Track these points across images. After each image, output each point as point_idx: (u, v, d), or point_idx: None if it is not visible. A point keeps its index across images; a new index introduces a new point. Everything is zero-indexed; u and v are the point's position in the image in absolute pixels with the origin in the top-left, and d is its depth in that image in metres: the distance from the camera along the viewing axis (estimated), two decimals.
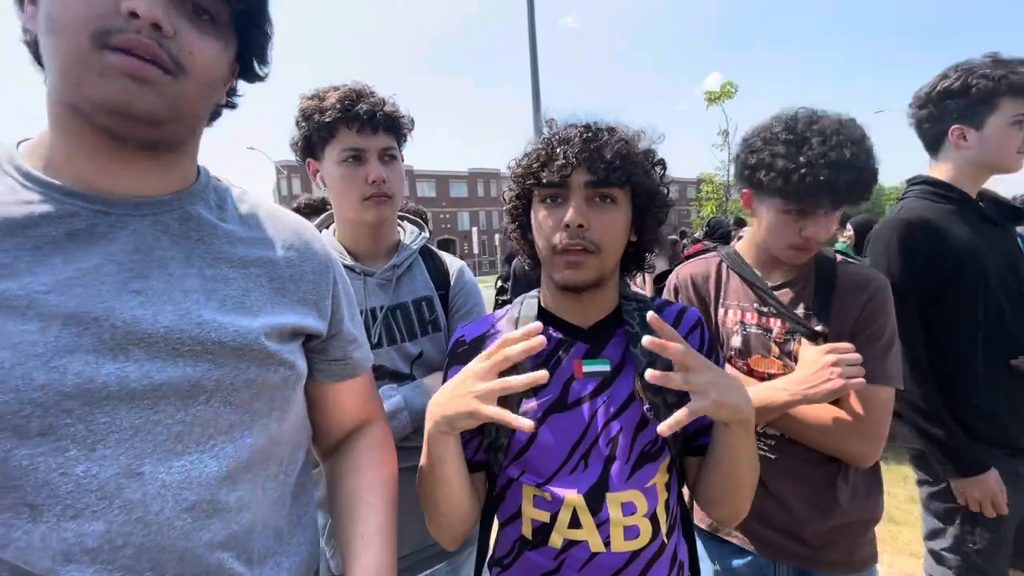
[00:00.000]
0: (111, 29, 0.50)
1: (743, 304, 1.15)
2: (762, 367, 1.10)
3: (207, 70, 0.57)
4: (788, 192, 1.00)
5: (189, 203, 0.63)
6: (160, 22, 0.52)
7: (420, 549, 1.13)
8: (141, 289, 0.56)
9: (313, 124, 1.09)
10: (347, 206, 1.14)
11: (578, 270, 0.78)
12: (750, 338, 1.12)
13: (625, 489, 0.78)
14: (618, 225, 0.80)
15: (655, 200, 0.83)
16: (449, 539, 0.85)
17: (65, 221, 0.54)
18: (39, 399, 0.48)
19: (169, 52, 0.53)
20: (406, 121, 1.17)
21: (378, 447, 0.83)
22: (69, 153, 0.55)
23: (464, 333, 0.91)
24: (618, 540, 0.77)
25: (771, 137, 1.04)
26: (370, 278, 1.14)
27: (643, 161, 0.81)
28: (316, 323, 0.72)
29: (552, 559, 0.79)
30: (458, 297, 1.23)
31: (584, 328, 0.85)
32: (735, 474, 0.79)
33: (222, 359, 0.59)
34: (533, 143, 0.84)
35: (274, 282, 0.68)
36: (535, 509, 0.81)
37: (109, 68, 0.51)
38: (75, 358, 0.50)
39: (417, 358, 1.15)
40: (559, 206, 0.79)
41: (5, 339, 0.47)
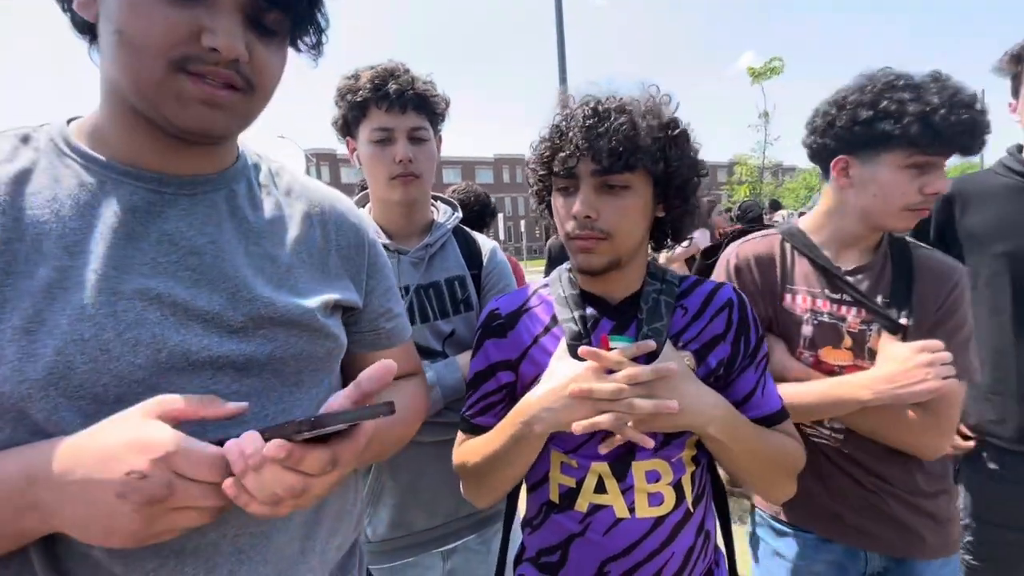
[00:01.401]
0: (190, 57, 0.51)
1: (813, 289, 1.07)
2: (832, 359, 1.04)
3: (273, 83, 0.59)
4: (927, 137, 0.92)
5: (234, 181, 0.65)
6: (240, 56, 0.53)
7: (451, 520, 1.17)
8: (195, 266, 0.58)
9: (347, 103, 1.12)
10: (376, 185, 1.17)
11: (590, 255, 0.79)
12: (823, 328, 1.04)
13: (651, 459, 0.79)
14: (631, 210, 0.79)
15: (677, 175, 0.80)
16: (487, 504, 0.91)
17: (124, 201, 0.56)
18: (115, 369, 0.50)
19: (243, 74, 0.55)
20: (438, 101, 1.16)
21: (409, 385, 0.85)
22: (126, 139, 0.57)
23: (499, 306, 0.91)
24: (642, 506, 0.79)
25: (886, 86, 0.96)
26: (403, 256, 1.16)
27: (660, 137, 0.77)
28: (354, 296, 0.73)
29: (578, 523, 0.81)
30: (491, 276, 1.24)
31: (612, 304, 0.86)
32: (736, 466, 0.81)
33: (272, 334, 0.61)
34: (546, 126, 0.83)
35: (314, 256, 0.69)
36: (562, 475, 0.83)
37: (186, 95, 0.52)
38: (144, 331, 0.52)
39: (449, 336, 1.17)
40: (571, 194, 0.80)
41: (81, 312, 0.50)
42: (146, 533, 0.44)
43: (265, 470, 0.45)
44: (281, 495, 0.46)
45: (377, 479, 1.11)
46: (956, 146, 0.93)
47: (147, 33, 0.50)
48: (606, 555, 0.79)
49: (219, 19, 0.51)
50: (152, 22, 0.49)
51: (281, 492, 0.46)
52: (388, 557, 1.14)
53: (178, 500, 0.44)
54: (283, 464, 0.45)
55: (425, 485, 1.13)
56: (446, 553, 1.19)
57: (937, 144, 0.93)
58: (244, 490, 0.45)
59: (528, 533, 0.90)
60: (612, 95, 0.80)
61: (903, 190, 0.97)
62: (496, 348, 0.89)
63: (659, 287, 0.85)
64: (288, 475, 0.46)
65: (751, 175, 11.75)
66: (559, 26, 7.13)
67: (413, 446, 1.12)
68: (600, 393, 0.71)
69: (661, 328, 0.80)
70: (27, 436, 0.48)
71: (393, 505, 1.12)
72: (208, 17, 0.51)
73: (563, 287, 0.89)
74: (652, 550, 0.78)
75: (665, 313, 0.81)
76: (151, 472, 0.42)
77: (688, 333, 0.83)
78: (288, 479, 0.46)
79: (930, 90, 0.92)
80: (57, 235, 0.51)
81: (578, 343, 0.80)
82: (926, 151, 0.94)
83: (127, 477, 0.42)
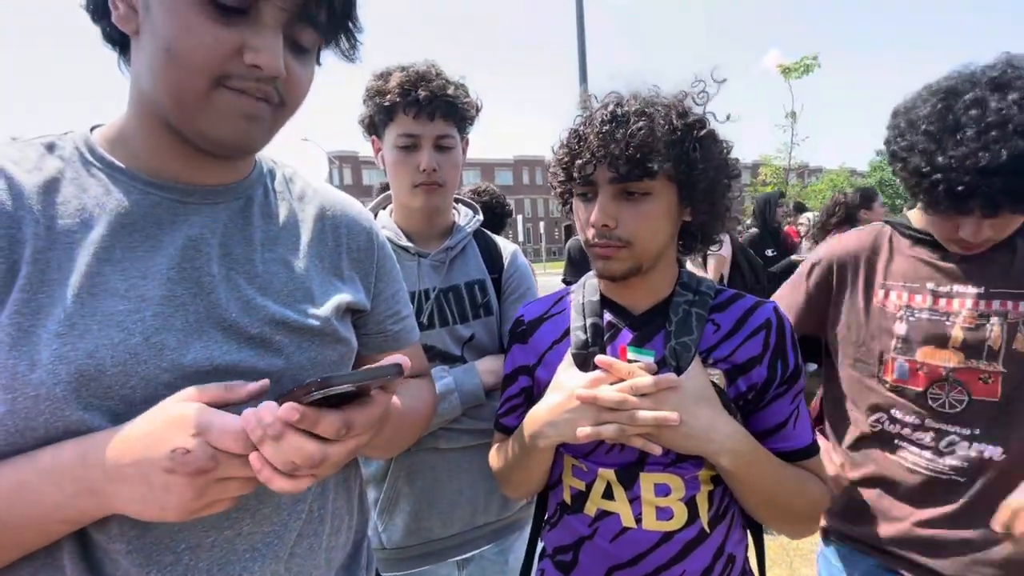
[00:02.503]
0: (232, 74, 0.53)
1: (909, 283, 0.97)
2: (936, 360, 0.92)
3: (301, 97, 0.61)
4: (920, 198, 0.86)
5: (251, 189, 0.67)
6: (280, 75, 0.55)
7: (469, 529, 1.14)
8: (215, 273, 0.59)
9: (375, 105, 1.11)
10: (399, 190, 1.16)
11: (610, 262, 0.77)
12: (921, 325, 0.94)
13: (662, 471, 0.77)
14: (653, 217, 0.76)
15: (702, 178, 0.75)
16: (520, 497, 0.98)
17: (150, 212, 0.58)
18: (143, 372, 0.53)
19: (277, 90, 0.57)
20: (468, 107, 1.14)
21: (417, 382, 0.86)
22: (151, 149, 0.59)
23: (524, 313, 0.94)
24: (649, 518, 0.77)
25: (916, 120, 0.85)
26: (424, 259, 1.15)
27: (682, 139, 0.73)
28: (363, 298, 0.74)
29: (587, 526, 0.81)
30: (511, 281, 1.22)
31: (635, 314, 0.82)
32: (748, 502, 0.79)
33: (288, 340, 0.62)
34: (567, 129, 0.81)
35: (326, 260, 0.71)
36: (573, 478, 0.83)
37: (228, 109, 0.54)
38: (170, 336, 0.55)
39: (468, 340, 1.15)
40: (590, 200, 0.78)
41: (110, 319, 0.52)
42: (198, 504, 0.48)
43: (284, 439, 0.47)
44: (299, 463, 0.48)
45: (393, 486, 1.10)
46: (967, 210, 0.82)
47: (194, 49, 0.51)
48: (613, 562, 0.78)
49: (262, 38, 0.53)
50: (199, 39, 0.51)
51: (299, 460, 0.47)
52: (403, 565, 1.12)
53: (223, 471, 0.47)
54: (298, 427, 0.47)
55: (442, 493, 1.11)
56: (462, 562, 1.17)
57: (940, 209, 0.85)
58: (266, 463, 0.47)
59: (547, 531, 0.91)
60: (636, 94, 0.77)
61: (938, 228, 0.91)
62: (519, 353, 0.91)
63: (691, 298, 0.80)
64: (306, 442, 0.48)
65: (776, 177, 11.52)
66: (580, 26, 7.08)
67: (430, 452, 1.11)
68: (605, 401, 0.71)
69: (690, 343, 0.76)
70: (61, 435, 0.50)
71: (409, 512, 1.10)
72: (252, 35, 0.53)
73: (585, 293, 0.87)
74: (659, 564, 0.76)
75: (696, 327, 0.77)
76: (194, 447, 0.46)
77: (719, 351, 0.78)
78: (307, 447, 0.48)
79: (958, 136, 0.80)
80: (87, 243, 0.54)
81: (584, 352, 0.79)
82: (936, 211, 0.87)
83: (173, 453, 0.46)
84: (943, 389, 0.93)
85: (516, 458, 0.84)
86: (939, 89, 0.84)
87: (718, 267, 3.12)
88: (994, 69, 0.80)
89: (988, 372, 0.90)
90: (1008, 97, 0.77)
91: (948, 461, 0.93)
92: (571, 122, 0.81)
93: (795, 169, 11.84)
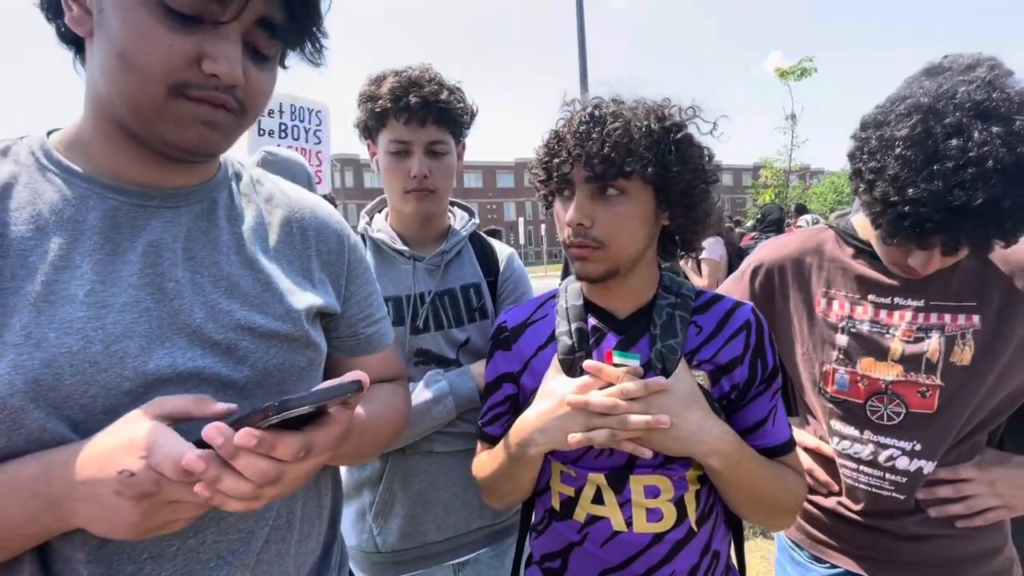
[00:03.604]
0: (189, 83, 0.52)
1: (851, 294, 0.95)
2: (876, 372, 0.92)
3: (262, 104, 0.61)
4: (880, 225, 0.80)
5: (216, 192, 0.65)
6: (239, 83, 0.54)
7: (464, 533, 1.14)
8: (179, 278, 0.58)
9: (367, 110, 1.11)
10: (392, 196, 1.16)
11: (586, 263, 0.77)
12: (860, 337, 0.93)
13: (651, 474, 0.77)
14: (628, 218, 0.76)
15: (678, 181, 0.75)
16: (504, 507, 0.97)
17: (109, 216, 0.56)
18: (103, 380, 0.51)
19: (236, 97, 0.56)
20: (461, 112, 1.13)
21: (390, 387, 0.84)
22: (109, 153, 0.57)
23: (507, 319, 0.92)
24: (640, 521, 0.77)
25: (890, 141, 0.77)
26: (419, 263, 1.15)
27: (658, 142, 0.74)
28: (334, 301, 0.73)
29: (576, 532, 0.81)
30: (507, 284, 1.22)
31: (620, 318, 0.83)
32: (735, 499, 0.79)
33: (255, 346, 0.61)
34: (547, 130, 0.82)
35: (295, 263, 0.69)
36: (562, 484, 0.83)
37: (186, 118, 0.53)
38: (131, 343, 0.53)
39: (463, 344, 1.15)
40: (568, 199, 0.79)
41: (69, 326, 0.50)
42: (146, 526, 0.47)
43: (238, 459, 0.46)
44: (254, 481, 0.46)
45: (388, 489, 1.10)
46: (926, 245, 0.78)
47: (148, 57, 0.50)
48: (604, 567, 0.78)
49: (220, 46, 0.52)
50: (156, 47, 0.50)
51: (254, 478, 0.46)
52: (398, 568, 1.12)
53: (167, 495, 0.46)
54: (255, 451, 0.46)
55: (437, 496, 1.11)
56: (457, 566, 1.17)
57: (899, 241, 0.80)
58: (217, 491, 0.46)
59: (534, 538, 0.91)
60: (616, 97, 0.79)
61: (885, 251, 0.88)
62: (502, 360, 0.90)
63: (673, 301, 0.82)
64: (261, 461, 0.46)
65: (777, 179, 11.51)
66: (580, 29, 7.10)
67: (425, 456, 1.11)
68: (596, 406, 0.71)
69: (676, 345, 0.77)
70: (23, 445, 0.49)
71: (404, 516, 1.10)
72: (210, 44, 0.51)
73: (567, 297, 0.87)
74: (651, 566, 0.77)
75: (680, 329, 0.78)
76: (139, 470, 0.45)
77: (703, 353, 0.79)
78: (261, 465, 0.46)
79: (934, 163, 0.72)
80: (42, 250, 0.52)
81: (571, 358, 0.79)
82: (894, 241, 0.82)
83: (119, 475, 0.45)
84: (882, 402, 0.92)
85: (503, 467, 0.83)
86: (918, 107, 0.76)
87: (712, 272, 3.12)
88: (979, 91, 0.73)
89: (926, 385, 0.89)
90: (992, 129, 0.70)
91: (888, 476, 0.93)
92: (554, 124, 0.82)
93: (796, 171, 11.83)
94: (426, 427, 1.05)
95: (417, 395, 1.05)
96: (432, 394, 1.05)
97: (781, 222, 4.07)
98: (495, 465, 0.86)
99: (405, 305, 1.12)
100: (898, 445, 0.92)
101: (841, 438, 0.97)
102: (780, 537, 1.14)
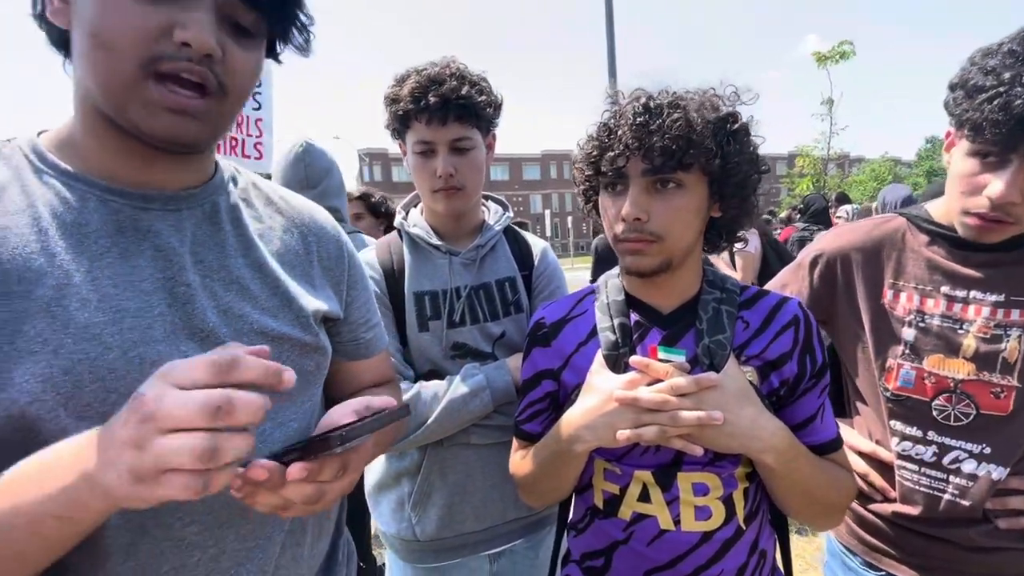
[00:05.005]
0: (161, 56, 0.50)
1: (923, 285, 0.90)
2: (945, 370, 0.87)
3: (246, 86, 0.58)
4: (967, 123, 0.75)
5: (215, 195, 0.64)
6: (212, 52, 0.51)
7: (500, 524, 1.16)
8: (190, 282, 0.57)
9: (392, 113, 1.12)
10: (422, 195, 1.18)
11: (640, 257, 0.76)
12: (929, 332, 0.88)
13: (699, 471, 0.76)
14: (684, 211, 0.75)
15: (736, 172, 0.75)
16: (543, 506, 0.95)
17: (111, 219, 0.55)
18: (122, 388, 0.50)
19: (215, 75, 0.53)
20: (484, 105, 1.11)
21: (387, 390, 0.85)
22: (101, 152, 0.56)
23: (544, 315, 0.91)
24: (688, 519, 0.76)
25: (991, 50, 0.77)
26: (455, 257, 1.16)
27: (716, 132, 0.73)
28: (336, 307, 0.73)
29: (621, 530, 0.80)
30: (541, 278, 1.22)
31: (664, 313, 0.82)
32: (786, 496, 0.78)
33: None
34: (595, 124, 0.80)
35: (298, 268, 0.69)
36: (605, 482, 0.82)
37: (155, 103, 0.51)
38: (148, 349, 0.52)
39: (499, 338, 1.16)
40: (620, 194, 0.77)
41: (84, 332, 0.49)
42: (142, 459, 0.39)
43: (286, 488, 0.47)
44: (297, 503, 0.48)
45: (427, 479, 1.12)
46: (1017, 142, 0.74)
47: (120, 31, 0.49)
48: (650, 566, 0.77)
49: (191, 14, 0.50)
50: (124, 20, 0.49)
51: (298, 501, 0.47)
52: (436, 557, 1.15)
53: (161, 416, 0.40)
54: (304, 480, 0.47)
55: (474, 487, 1.13)
56: (493, 556, 1.19)
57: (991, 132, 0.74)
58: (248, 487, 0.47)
59: (573, 536, 0.90)
60: (665, 89, 0.77)
61: (964, 188, 0.81)
62: (541, 356, 0.89)
63: (719, 295, 0.80)
64: (307, 487, 0.48)
65: (814, 167, 11.08)
66: (608, 15, 6.97)
67: (463, 448, 1.13)
68: (645, 402, 0.69)
69: (725, 341, 0.76)
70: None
71: (442, 505, 1.12)
72: (181, 14, 0.50)
73: (608, 293, 0.86)
74: (699, 565, 0.76)
75: (728, 324, 0.77)
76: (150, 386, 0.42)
77: (751, 348, 0.78)
78: (307, 490, 0.48)
79: None
80: (48, 253, 0.50)
81: (615, 353, 0.78)
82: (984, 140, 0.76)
83: (131, 401, 0.42)
84: (950, 401, 0.87)
85: (546, 465, 0.83)
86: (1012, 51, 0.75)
87: (747, 266, 3.03)
88: None
89: (1001, 386, 0.84)
90: None
91: (953, 480, 0.88)
92: (598, 117, 0.80)
93: (834, 159, 11.36)
94: (463, 420, 1.07)
95: (454, 388, 1.06)
96: (469, 388, 1.06)
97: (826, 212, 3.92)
98: (536, 463, 0.85)
99: (442, 299, 1.13)
100: (965, 447, 0.87)
101: (902, 438, 0.93)
102: (831, 541, 1.11)
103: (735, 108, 0.77)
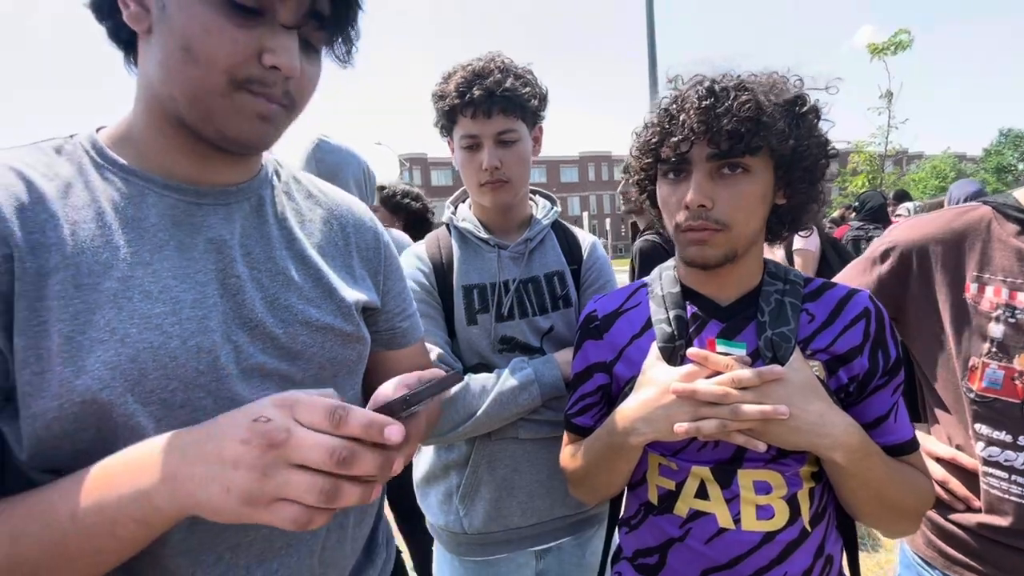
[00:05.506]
0: (250, 77, 0.54)
1: (1012, 278, 0.83)
2: None
3: (309, 97, 0.62)
4: None
5: (261, 189, 0.67)
6: (296, 75, 0.55)
7: (547, 520, 1.15)
8: (240, 273, 0.60)
9: (439, 110, 1.13)
10: (470, 189, 1.19)
11: (704, 247, 0.74)
12: (1021, 328, 0.82)
13: (761, 468, 0.73)
14: (751, 197, 0.72)
15: (805, 156, 0.72)
16: (594, 502, 0.91)
17: (168, 213, 0.57)
18: (182, 375, 0.53)
19: (289, 91, 0.57)
20: (528, 97, 1.11)
21: None
22: (161, 149, 0.58)
23: (596, 308, 0.90)
24: (749, 518, 0.73)
25: None
26: (503, 251, 1.16)
27: (785, 115, 0.70)
28: (375, 297, 0.75)
29: (678, 527, 0.78)
30: (590, 272, 1.21)
31: (722, 305, 0.79)
32: (856, 499, 0.73)
33: (310, 340, 0.63)
34: (653, 110, 0.78)
35: (338, 259, 0.71)
36: (660, 477, 0.80)
37: (245, 109, 0.55)
38: (205, 338, 0.55)
39: (547, 332, 1.15)
40: (681, 181, 0.75)
41: (148, 322, 0.52)
42: (263, 486, 0.42)
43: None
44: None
45: (475, 472, 1.12)
46: None
47: (212, 52, 0.52)
48: (708, 565, 0.75)
49: (279, 39, 0.54)
50: (221, 41, 0.52)
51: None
52: (483, 550, 1.15)
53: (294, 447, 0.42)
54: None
55: (521, 482, 1.12)
56: (540, 552, 1.18)
57: None
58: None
59: (625, 533, 0.88)
60: (727, 73, 0.74)
61: None
62: (593, 349, 0.88)
63: (781, 287, 0.77)
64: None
65: (869, 164, 10.50)
66: (649, 14, 6.86)
67: (511, 442, 1.13)
68: (705, 395, 0.67)
69: (789, 333, 0.72)
70: (111, 437, 0.50)
71: (489, 499, 1.12)
72: (269, 37, 0.53)
73: (663, 284, 0.84)
74: (760, 567, 0.72)
75: (792, 316, 0.74)
76: (275, 415, 0.43)
77: (817, 342, 0.74)
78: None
79: None
80: (113, 247, 0.53)
81: (671, 346, 0.76)
82: None
83: (254, 422, 0.43)
84: None
85: (599, 458, 0.81)
86: None
87: (807, 264, 2.90)
88: None
89: None
90: None
91: None
92: (640, 115, 0.80)
93: (891, 156, 10.73)
94: (512, 413, 1.07)
95: (503, 381, 1.06)
96: (518, 381, 1.06)
97: (884, 209, 3.71)
98: (589, 456, 0.83)
99: (490, 293, 1.13)
100: None
101: (988, 443, 0.86)
102: (905, 552, 1.04)
103: (802, 91, 0.74)
